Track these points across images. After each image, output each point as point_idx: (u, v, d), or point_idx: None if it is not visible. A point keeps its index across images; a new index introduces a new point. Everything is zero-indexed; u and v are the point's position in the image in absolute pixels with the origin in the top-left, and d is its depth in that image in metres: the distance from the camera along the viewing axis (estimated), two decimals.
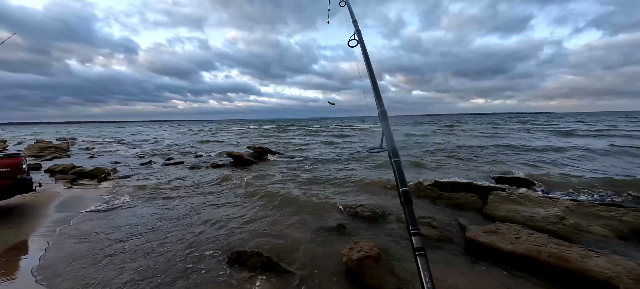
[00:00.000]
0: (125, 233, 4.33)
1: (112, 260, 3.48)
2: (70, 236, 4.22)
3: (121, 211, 5.41)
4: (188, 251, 3.67)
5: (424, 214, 4.85)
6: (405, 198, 1.24)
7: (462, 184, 6.08)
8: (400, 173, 1.32)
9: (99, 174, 8.56)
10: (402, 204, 1.24)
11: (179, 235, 4.20)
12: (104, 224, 4.69)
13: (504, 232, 3.72)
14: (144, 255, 3.60)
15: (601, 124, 31.56)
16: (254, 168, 9.97)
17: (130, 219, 4.92)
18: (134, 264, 3.37)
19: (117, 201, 6.06)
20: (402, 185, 1.28)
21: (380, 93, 1.70)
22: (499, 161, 10.11)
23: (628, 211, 4.32)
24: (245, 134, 31.55)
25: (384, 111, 1.61)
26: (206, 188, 7.20)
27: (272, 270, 3.17)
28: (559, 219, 4.31)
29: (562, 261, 2.98)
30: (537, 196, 5.35)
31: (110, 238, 4.14)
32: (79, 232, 4.38)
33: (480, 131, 26.06)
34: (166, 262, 3.42)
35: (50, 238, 4.16)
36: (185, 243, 3.92)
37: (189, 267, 3.30)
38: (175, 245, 3.87)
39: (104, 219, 4.94)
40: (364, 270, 3.00)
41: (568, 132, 21.29)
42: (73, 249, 3.80)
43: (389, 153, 1.41)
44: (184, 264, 3.36)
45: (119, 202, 5.91)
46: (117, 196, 6.43)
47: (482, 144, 15.16)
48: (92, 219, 4.97)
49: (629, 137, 17.31)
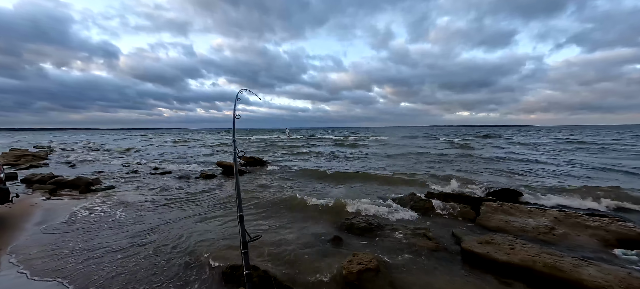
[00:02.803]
0: (110, 243, 4.10)
1: (85, 271, 3.28)
2: (42, 255, 3.96)
3: (104, 222, 5.14)
4: (176, 269, 3.49)
5: (419, 225, 4.87)
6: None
7: (454, 195, 6.18)
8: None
9: (81, 184, 8.16)
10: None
11: (167, 250, 4.02)
12: (84, 238, 4.43)
13: (499, 242, 3.77)
14: (129, 273, 3.41)
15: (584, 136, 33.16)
16: (246, 178, 9.80)
17: (115, 233, 4.67)
18: (117, 282, 3.18)
19: (99, 212, 5.77)
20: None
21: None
22: (492, 172, 10.39)
23: (613, 221, 4.50)
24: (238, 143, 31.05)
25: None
26: (196, 199, 6.97)
27: (269, 286, 3.07)
28: (549, 229, 4.44)
29: (557, 271, 3.05)
30: (527, 207, 5.50)
31: (90, 248, 3.91)
32: (48, 249, 4.12)
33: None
34: (153, 277, 3.25)
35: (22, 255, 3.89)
36: (174, 258, 3.75)
37: (180, 285, 3.14)
38: (164, 258, 3.69)
39: (83, 234, 4.67)
40: (364, 283, 2.96)
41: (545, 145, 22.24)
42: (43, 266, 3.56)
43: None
44: (175, 282, 3.20)
45: (102, 214, 5.63)
46: (98, 207, 6.12)
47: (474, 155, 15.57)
48: (66, 232, 4.69)
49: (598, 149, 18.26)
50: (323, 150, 21.17)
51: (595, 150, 18.07)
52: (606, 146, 19.98)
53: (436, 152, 18.10)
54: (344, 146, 25.21)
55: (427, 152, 18.04)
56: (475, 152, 17.30)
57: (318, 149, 21.69)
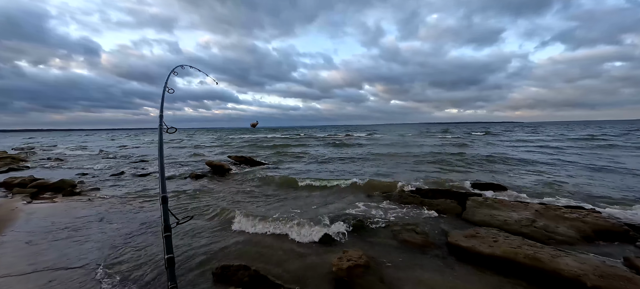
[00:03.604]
0: (92, 246, 4.02)
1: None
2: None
3: (90, 224, 5.02)
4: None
5: (407, 221, 4.98)
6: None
7: (442, 190, 6.34)
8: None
9: (65, 187, 7.91)
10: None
11: (156, 249, 3.97)
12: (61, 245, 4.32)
13: (483, 236, 3.91)
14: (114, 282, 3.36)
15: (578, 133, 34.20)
16: (236, 178, 9.72)
17: (98, 236, 4.57)
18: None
19: (84, 215, 5.62)
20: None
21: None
22: (480, 168, 10.68)
23: (589, 213, 4.73)
24: (227, 142, 30.72)
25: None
26: (184, 200, 6.89)
27: (260, 284, 3.09)
28: (531, 222, 4.62)
29: (537, 261, 3.20)
30: (510, 201, 5.70)
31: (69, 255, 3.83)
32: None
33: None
34: (146, 284, 3.21)
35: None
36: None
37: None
38: (152, 259, 3.65)
39: (62, 240, 4.56)
40: (354, 279, 3.02)
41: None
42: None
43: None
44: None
45: (87, 215, 5.49)
46: (81, 211, 5.96)
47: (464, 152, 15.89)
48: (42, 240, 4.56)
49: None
50: (313, 151, 21.13)
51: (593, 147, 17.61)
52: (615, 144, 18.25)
53: (436, 150, 17.73)
54: (336, 145, 25.19)
55: (430, 151, 16.96)
56: (468, 151, 17.35)
57: (309, 150, 21.61)
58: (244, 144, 28.33)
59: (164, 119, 1.95)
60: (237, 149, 22.09)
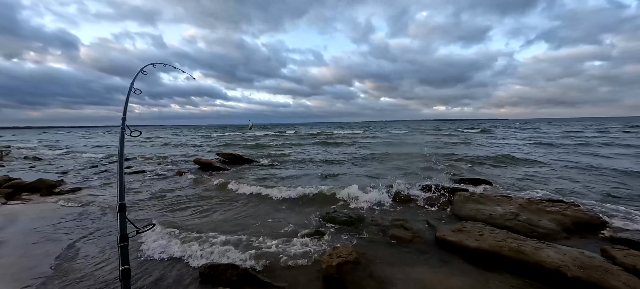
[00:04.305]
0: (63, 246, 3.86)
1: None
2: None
3: (58, 227, 4.82)
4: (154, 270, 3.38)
5: (396, 217, 5.03)
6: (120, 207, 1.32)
7: (430, 186, 6.43)
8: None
9: (43, 187, 7.56)
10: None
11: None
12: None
13: (470, 230, 4.00)
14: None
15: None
16: (224, 176, 9.56)
17: (75, 235, 4.40)
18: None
19: (58, 218, 5.39)
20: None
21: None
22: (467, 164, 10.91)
23: (569, 206, 4.91)
24: (215, 140, 30.20)
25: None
26: (170, 199, 6.72)
27: (249, 284, 3.04)
28: (514, 215, 4.75)
29: (520, 254, 3.29)
30: (495, 195, 5.85)
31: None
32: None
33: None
34: None
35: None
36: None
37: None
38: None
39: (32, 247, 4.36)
40: (344, 276, 3.02)
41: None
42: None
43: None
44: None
45: (62, 216, 5.27)
46: (52, 212, 5.72)
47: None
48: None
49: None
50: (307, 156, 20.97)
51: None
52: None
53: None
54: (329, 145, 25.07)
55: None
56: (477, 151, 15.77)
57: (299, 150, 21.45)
58: (230, 141, 27.95)
59: (126, 121, 1.89)
60: (224, 146, 21.75)
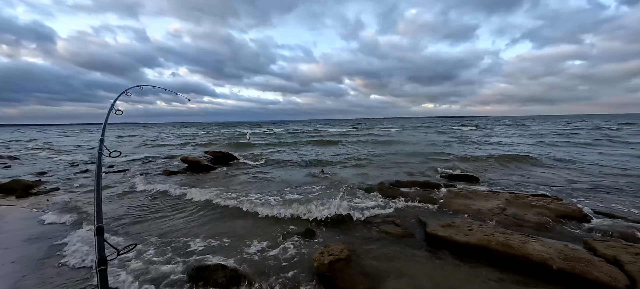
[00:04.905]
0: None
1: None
2: None
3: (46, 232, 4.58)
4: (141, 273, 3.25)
5: (388, 213, 5.05)
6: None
7: (420, 182, 6.51)
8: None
9: (18, 188, 7.17)
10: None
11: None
12: None
13: (459, 225, 4.05)
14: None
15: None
16: (213, 175, 9.37)
17: (55, 244, 4.19)
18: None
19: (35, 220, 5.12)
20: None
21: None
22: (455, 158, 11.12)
23: (552, 200, 5.07)
24: (203, 138, 29.57)
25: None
26: (157, 200, 6.51)
27: (239, 284, 2.97)
28: (501, 210, 4.87)
29: (507, 247, 3.35)
30: (483, 191, 5.98)
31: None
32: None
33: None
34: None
35: None
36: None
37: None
38: None
39: None
40: (336, 273, 2.99)
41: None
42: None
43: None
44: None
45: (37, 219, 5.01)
46: (34, 215, 5.44)
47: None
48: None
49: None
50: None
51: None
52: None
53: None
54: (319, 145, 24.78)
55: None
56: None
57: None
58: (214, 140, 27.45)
59: (104, 142, 1.82)
60: (210, 144, 21.34)
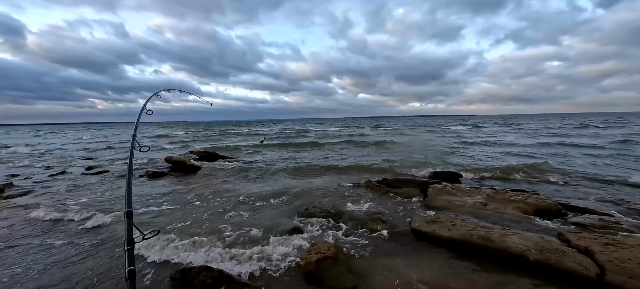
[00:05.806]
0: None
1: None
2: None
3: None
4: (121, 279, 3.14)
5: (374, 210, 5.11)
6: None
7: (406, 180, 6.63)
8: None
9: None
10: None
11: (112, 263, 3.57)
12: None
13: (443, 221, 4.16)
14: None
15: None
16: (200, 175, 9.16)
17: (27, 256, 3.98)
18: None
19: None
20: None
21: None
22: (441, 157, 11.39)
23: (530, 194, 5.29)
24: (191, 137, 28.86)
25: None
26: (141, 201, 6.30)
27: (225, 285, 2.92)
28: (483, 205, 5.04)
29: (488, 241, 3.48)
30: (466, 187, 6.16)
31: None
32: None
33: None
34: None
35: None
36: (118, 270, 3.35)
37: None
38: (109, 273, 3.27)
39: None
40: (323, 272, 3.00)
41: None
42: None
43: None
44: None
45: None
46: (6, 222, 5.14)
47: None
48: None
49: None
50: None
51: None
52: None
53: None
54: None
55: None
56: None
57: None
58: (213, 137, 26.89)
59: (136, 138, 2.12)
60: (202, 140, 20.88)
